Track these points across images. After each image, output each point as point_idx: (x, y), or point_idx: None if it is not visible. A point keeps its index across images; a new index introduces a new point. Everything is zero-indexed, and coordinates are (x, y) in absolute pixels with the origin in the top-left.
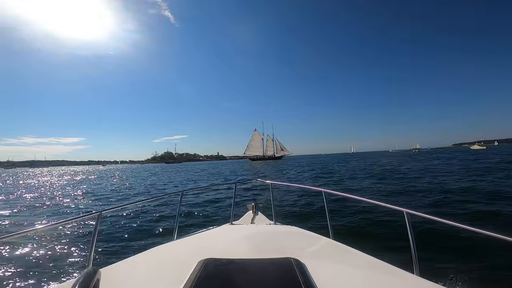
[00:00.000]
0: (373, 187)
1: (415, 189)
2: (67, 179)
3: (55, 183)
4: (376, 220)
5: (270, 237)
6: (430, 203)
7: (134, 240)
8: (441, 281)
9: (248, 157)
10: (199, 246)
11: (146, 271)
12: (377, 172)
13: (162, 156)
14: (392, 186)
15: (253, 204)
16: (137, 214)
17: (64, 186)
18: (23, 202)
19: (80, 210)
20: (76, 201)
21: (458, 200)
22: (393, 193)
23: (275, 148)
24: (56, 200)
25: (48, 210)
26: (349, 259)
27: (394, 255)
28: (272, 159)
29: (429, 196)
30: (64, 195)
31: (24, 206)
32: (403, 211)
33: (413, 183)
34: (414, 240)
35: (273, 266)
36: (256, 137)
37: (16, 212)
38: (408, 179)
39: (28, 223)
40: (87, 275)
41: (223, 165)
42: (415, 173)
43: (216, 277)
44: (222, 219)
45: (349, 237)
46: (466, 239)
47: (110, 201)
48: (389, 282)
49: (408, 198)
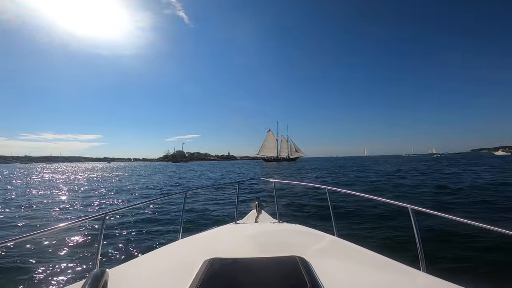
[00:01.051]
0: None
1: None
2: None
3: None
4: (381, 217)
5: (275, 236)
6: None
7: (139, 241)
8: (448, 277)
9: (262, 158)
10: (204, 246)
11: (152, 271)
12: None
13: (173, 154)
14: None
15: (256, 203)
16: (142, 215)
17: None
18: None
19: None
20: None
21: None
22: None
23: (290, 150)
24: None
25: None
26: (354, 256)
27: (399, 251)
28: (286, 160)
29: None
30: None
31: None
32: (408, 207)
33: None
34: (419, 236)
35: (278, 265)
36: (270, 138)
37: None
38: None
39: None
40: (95, 276)
41: (233, 165)
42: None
43: (221, 277)
44: (226, 219)
45: (353, 234)
46: (472, 235)
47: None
48: (395, 279)
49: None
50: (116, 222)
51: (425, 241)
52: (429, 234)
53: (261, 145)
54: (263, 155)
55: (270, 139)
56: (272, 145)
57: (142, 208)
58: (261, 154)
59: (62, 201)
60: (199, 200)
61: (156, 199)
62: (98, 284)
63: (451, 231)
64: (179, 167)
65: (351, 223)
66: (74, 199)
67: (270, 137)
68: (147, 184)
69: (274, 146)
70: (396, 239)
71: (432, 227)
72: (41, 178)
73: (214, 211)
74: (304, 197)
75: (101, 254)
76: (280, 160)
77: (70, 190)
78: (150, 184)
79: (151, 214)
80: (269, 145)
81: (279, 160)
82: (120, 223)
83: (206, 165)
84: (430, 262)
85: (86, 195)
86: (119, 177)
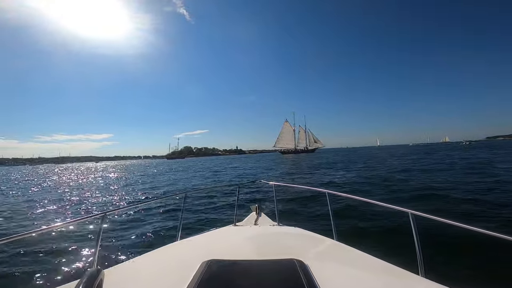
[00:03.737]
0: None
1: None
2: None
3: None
4: (380, 221)
5: (274, 239)
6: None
7: (138, 241)
8: (447, 283)
9: (279, 151)
10: (203, 247)
11: (150, 272)
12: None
13: (181, 150)
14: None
15: (256, 205)
16: (141, 215)
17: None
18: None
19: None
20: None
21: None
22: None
23: (308, 140)
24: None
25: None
26: (353, 260)
27: (399, 256)
28: (304, 152)
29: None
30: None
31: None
32: (408, 212)
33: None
34: (419, 241)
35: (277, 268)
36: (287, 129)
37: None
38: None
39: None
40: (91, 275)
41: (245, 159)
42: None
43: (219, 278)
44: (225, 220)
45: (353, 239)
46: (472, 240)
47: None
48: (394, 283)
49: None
50: (115, 221)
51: (425, 246)
52: (429, 239)
53: (278, 137)
54: (279, 147)
55: (287, 130)
56: (289, 136)
57: (142, 208)
58: (277, 146)
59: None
60: (199, 201)
61: (156, 199)
62: (93, 283)
63: (451, 237)
64: (169, 166)
65: (350, 227)
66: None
67: (286, 128)
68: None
69: (291, 137)
70: (396, 244)
71: (432, 232)
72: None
73: (214, 213)
74: (304, 200)
75: (100, 253)
76: (298, 152)
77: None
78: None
79: (151, 214)
80: (286, 137)
81: (297, 152)
82: (120, 222)
83: (206, 161)
84: (430, 267)
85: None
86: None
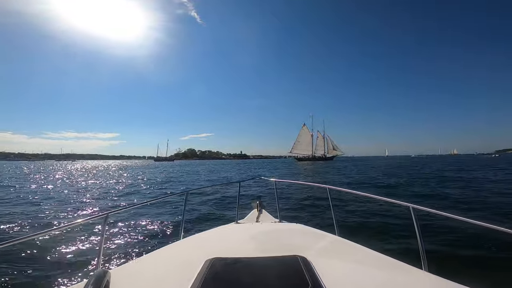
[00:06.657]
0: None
1: None
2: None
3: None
4: (382, 216)
5: (276, 235)
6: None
7: (141, 240)
8: (450, 277)
9: (294, 157)
10: (205, 246)
11: (154, 271)
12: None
13: (184, 153)
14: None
15: (257, 202)
16: (143, 214)
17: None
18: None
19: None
20: None
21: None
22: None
23: (327, 147)
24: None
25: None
26: (355, 255)
27: (401, 250)
28: (322, 159)
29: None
30: None
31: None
32: (409, 206)
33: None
34: (421, 235)
35: (280, 264)
36: (304, 133)
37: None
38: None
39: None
40: (98, 276)
41: (245, 164)
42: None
43: (223, 276)
44: (227, 218)
45: (355, 234)
46: (474, 234)
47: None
48: (397, 278)
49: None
50: (117, 222)
51: (427, 240)
52: (431, 233)
53: (294, 142)
54: (295, 153)
55: (305, 134)
56: (306, 141)
57: (144, 207)
58: (293, 152)
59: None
60: (200, 200)
61: (158, 199)
62: (101, 284)
63: (453, 230)
64: (152, 168)
65: (352, 222)
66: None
67: (304, 132)
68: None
69: (309, 143)
70: (398, 238)
71: (433, 226)
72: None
73: (215, 211)
74: (305, 196)
75: (103, 254)
76: (316, 159)
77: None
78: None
79: (153, 214)
80: (304, 142)
81: (315, 159)
82: (122, 223)
83: (198, 166)
84: (432, 261)
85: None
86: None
